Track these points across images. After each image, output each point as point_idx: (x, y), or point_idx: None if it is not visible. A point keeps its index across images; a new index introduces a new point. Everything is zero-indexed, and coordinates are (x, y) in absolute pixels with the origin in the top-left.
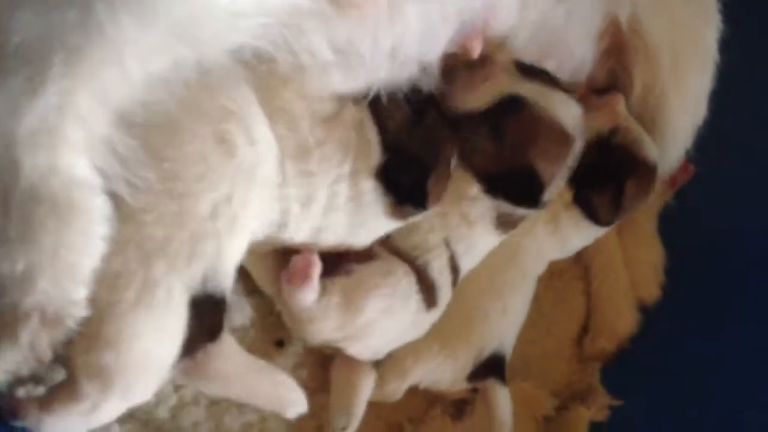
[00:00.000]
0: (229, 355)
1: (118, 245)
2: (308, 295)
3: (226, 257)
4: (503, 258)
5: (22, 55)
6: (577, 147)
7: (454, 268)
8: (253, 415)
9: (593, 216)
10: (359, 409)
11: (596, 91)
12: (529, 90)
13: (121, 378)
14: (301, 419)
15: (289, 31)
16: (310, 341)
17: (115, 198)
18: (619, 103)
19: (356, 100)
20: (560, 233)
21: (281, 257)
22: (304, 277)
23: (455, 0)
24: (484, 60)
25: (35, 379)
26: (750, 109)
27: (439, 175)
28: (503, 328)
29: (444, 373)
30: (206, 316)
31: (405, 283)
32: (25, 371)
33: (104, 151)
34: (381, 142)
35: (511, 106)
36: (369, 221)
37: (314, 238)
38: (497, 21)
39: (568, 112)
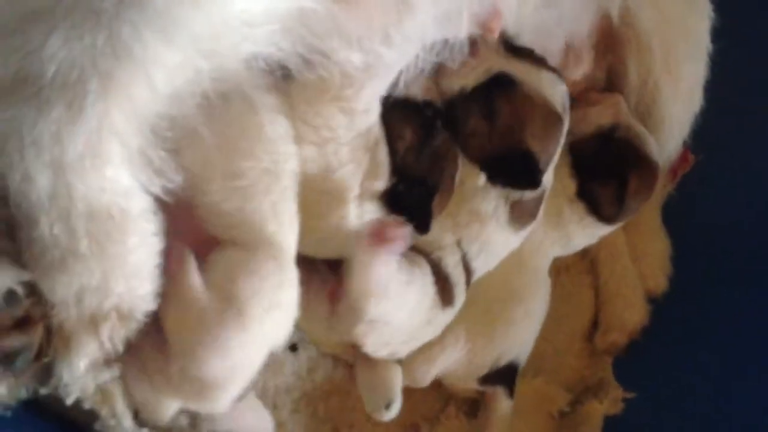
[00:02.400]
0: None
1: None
2: (386, 262)
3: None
4: (511, 262)
5: (60, 84)
6: (566, 126)
7: (467, 269)
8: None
9: (597, 210)
10: (398, 390)
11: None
12: (517, 69)
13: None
14: (318, 422)
15: (302, 35)
16: (325, 341)
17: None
18: (621, 101)
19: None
20: (563, 228)
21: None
22: (390, 240)
23: None
24: (473, 41)
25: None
26: (749, 97)
27: (442, 192)
28: (525, 333)
29: (460, 367)
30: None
31: (423, 275)
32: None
33: (141, 163)
34: (390, 164)
35: (501, 84)
36: None
37: (318, 250)
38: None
39: (555, 91)
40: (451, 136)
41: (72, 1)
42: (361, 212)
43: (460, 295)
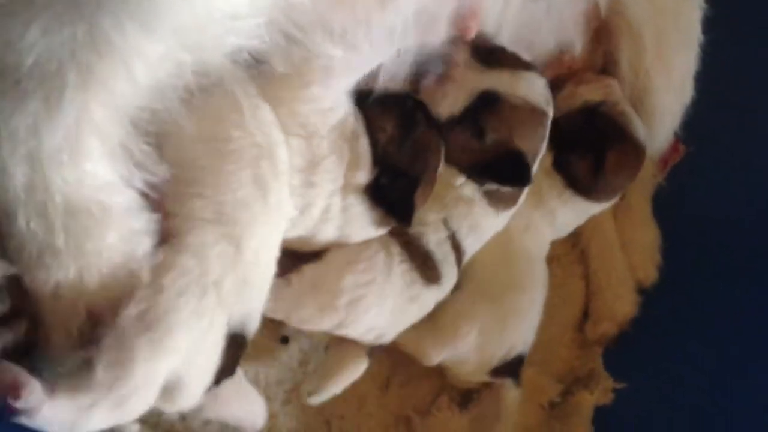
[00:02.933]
0: (233, 383)
1: (183, 270)
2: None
3: (260, 300)
4: (504, 250)
5: (38, 76)
6: (550, 117)
7: (456, 247)
8: None
9: (573, 182)
10: (336, 388)
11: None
12: (497, 81)
13: (133, 383)
14: (310, 414)
15: (286, 28)
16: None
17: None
18: (614, 84)
19: (355, 112)
20: (545, 205)
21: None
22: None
23: None
24: (447, 62)
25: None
26: (740, 88)
27: (425, 184)
28: (532, 322)
29: (470, 359)
30: (234, 352)
31: (382, 255)
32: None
33: (122, 156)
34: (371, 155)
35: (487, 101)
36: (356, 232)
37: (302, 241)
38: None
39: (537, 90)
40: (437, 145)
41: None
42: (345, 205)
43: (450, 274)
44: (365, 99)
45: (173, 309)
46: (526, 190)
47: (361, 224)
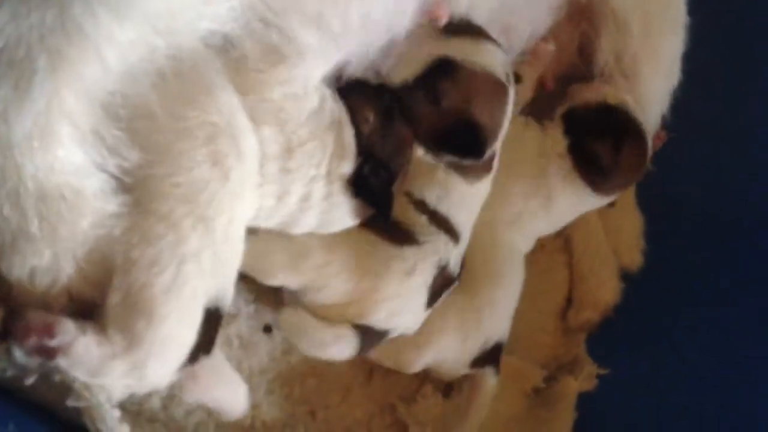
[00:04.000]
0: (215, 367)
1: (151, 237)
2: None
3: (232, 276)
4: (486, 241)
5: (6, 61)
6: (511, 94)
7: (429, 212)
8: None
9: (590, 166)
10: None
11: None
12: (456, 49)
13: (146, 346)
14: (294, 404)
15: (260, 12)
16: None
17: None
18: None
19: (335, 97)
20: (544, 189)
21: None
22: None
23: None
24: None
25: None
26: (722, 75)
27: (401, 176)
28: (507, 311)
29: (451, 354)
30: (210, 328)
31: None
32: None
33: (94, 141)
34: (356, 146)
35: (443, 68)
36: (336, 220)
37: (282, 228)
38: None
39: (497, 62)
40: (410, 137)
41: None
42: (327, 192)
43: (428, 234)
44: (345, 88)
45: (149, 284)
46: (495, 161)
47: (342, 213)
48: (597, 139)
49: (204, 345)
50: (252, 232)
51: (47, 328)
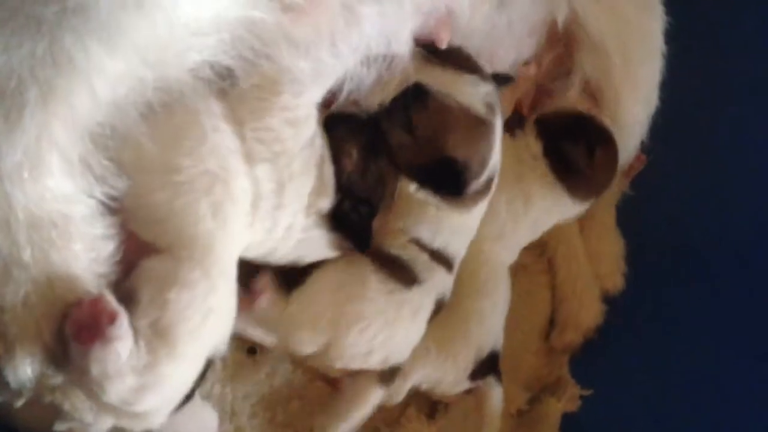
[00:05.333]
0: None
1: (187, 281)
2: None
3: (230, 324)
4: (472, 256)
5: None
6: (498, 128)
7: (426, 249)
8: (229, 426)
9: (571, 166)
10: (350, 424)
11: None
12: (432, 77)
13: (159, 372)
14: (277, 427)
15: (249, 43)
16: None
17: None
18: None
19: (322, 132)
20: (523, 193)
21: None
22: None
23: None
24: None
25: None
26: (699, 97)
27: (382, 210)
28: (496, 323)
29: (446, 375)
30: (202, 376)
31: (354, 265)
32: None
33: (82, 171)
34: (335, 183)
35: (416, 95)
36: (312, 252)
37: (262, 258)
38: (455, 12)
39: (476, 95)
40: (393, 171)
41: (11, 7)
42: (306, 225)
43: (430, 271)
44: (329, 121)
45: (179, 322)
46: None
47: (318, 245)
48: (571, 143)
49: (192, 392)
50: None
51: (111, 314)
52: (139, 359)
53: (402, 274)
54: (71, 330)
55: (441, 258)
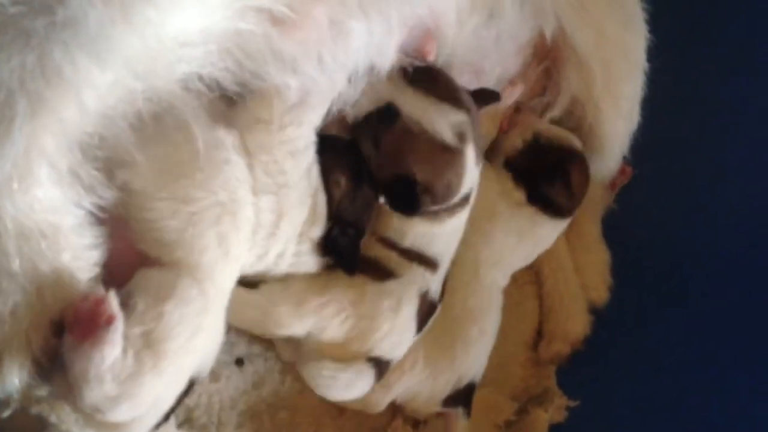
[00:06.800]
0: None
1: (185, 298)
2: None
3: (217, 344)
4: (468, 279)
5: None
6: (469, 155)
7: (401, 251)
8: None
9: (555, 208)
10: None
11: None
12: (404, 99)
13: (140, 382)
14: None
15: (236, 56)
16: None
17: None
18: (530, 116)
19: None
20: (514, 229)
21: None
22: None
23: (399, 11)
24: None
25: None
26: (684, 111)
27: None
28: (482, 351)
29: (422, 392)
30: (183, 397)
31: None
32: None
33: (71, 181)
34: (327, 211)
35: (386, 115)
36: (302, 271)
37: (254, 276)
38: (442, 26)
39: (445, 123)
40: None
41: (0, 21)
42: (297, 251)
43: (402, 267)
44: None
45: (169, 338)
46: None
47: (308, 267)
48: (548, 184)
49: (171, 411)
50: (252, 286)
51: (110, 317)
52: (123, 368)
53: (375, 270)
54: (68, 320)
55: (414, 257)
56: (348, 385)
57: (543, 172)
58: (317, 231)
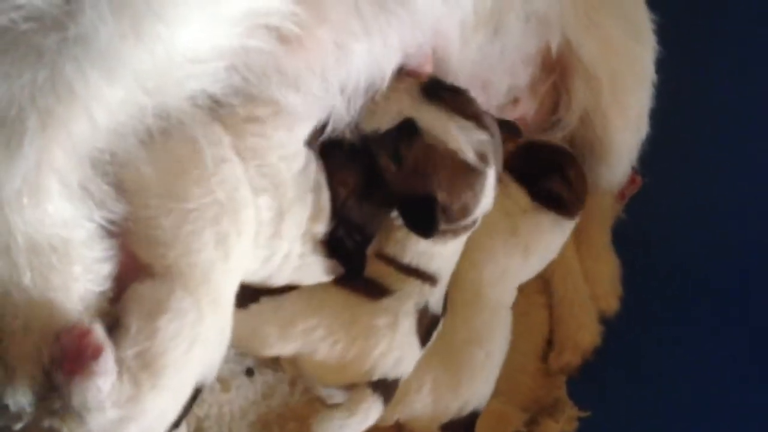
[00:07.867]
0: None
1: (178, 310)
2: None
3: (222, 352)
4: (471, 299)
5: None
6: (490, 178)
7: (399, 266)
8: None
9: (558, 202)
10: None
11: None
12: (426, 116)
13: (142, 405)
14: None
15: (242, 72)
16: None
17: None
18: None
19: (316, 157)
20: (521, 242)
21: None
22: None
23: (399, 33)
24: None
25: None
26: (694, 121)
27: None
28: (488, 376)
29: (425, 413)
30: (190, 405)
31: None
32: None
33: (82, 195)
34: (331, 209)
35: (407, 131)
36: (308, 277)
37: (260, 283)
38: (443, 48)
39: (466, 142)
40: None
41: (12, 37)
42: (303, 251)
43: (398, 282)
44: (323, 148)
45: (166, 353)
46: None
47: (314, 271)
48: (546, 179)
49: (179, 420)
50: (253, 299)
51: (96, 349)
52: (121, 392)
53: (370, 289)
54: (55, 357)
55: (412, 272)
56: (360, 424)
57: (538, 169)
58: (321, 227)
